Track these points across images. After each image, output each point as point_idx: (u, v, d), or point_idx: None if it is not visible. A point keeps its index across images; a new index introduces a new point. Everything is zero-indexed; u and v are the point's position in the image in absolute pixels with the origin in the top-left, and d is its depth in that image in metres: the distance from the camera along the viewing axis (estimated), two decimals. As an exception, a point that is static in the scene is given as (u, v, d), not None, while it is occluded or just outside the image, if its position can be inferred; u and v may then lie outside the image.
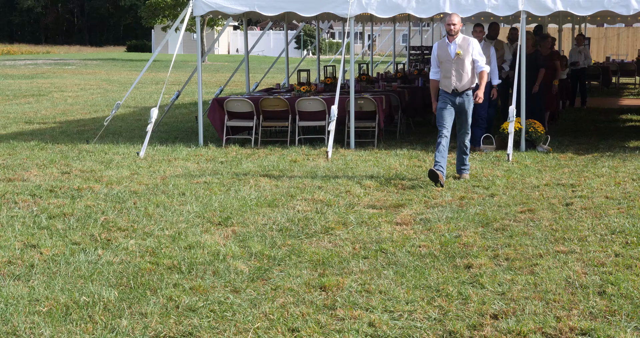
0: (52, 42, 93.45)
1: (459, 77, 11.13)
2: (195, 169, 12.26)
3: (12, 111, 21.54)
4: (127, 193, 10.46)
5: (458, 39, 11.21)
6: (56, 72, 41.01)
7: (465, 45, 11.19)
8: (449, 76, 11.20)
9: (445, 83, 11.28)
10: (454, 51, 11.16)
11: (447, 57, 11.21)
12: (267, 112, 14.93)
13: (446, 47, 11.26)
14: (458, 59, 11.13)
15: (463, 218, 8.98)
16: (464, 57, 11.12)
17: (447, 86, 11.24)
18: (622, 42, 42.37)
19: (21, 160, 13.02)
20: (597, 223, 8.72)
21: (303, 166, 12.39)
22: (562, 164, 12.49)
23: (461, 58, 11.12)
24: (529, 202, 9.80)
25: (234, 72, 19.89)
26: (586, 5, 13.70)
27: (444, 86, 11.29)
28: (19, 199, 10.06)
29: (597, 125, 17.82)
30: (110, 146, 14.54)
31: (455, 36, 11.19)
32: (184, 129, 17.46)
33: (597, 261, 7.29)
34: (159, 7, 55.39)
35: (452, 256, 7.53)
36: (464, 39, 11.26)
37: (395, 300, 6.34)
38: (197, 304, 6.26)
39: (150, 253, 7.66)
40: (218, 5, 14.98)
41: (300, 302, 6.34)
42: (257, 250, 7.72)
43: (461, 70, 11.13)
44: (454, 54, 11.16)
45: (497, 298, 6.36)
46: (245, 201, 9.87)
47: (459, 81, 11.15)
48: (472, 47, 11.20)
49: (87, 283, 6.75)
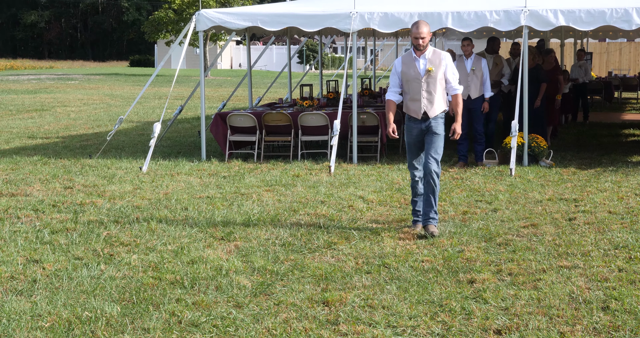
0: (55, 57, 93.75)
1: (430, 99, 9.15)
2: (198, 184, 12.26)
3: (15, 126, 21.57)
4: (130, 208, 10.46)
5: (428, 52, 9.21)
6: (59, 87, 41.09)
7: (436, 60, 9.20)
8: (417, 98, 9.16)
9: (412, 107, 9.23)
10: (424, 67, 9.18)
11: (415, 75, 9.20)
12: (269, 127, 14.95)
13: (413, 63, 9.22)
14: (429, 77, 9.16)
15: (466, 232, 8.97)
16: (435, 74, 9.16)
17: (416, 111, 9.20)
18: (624, 57, 42.44)
19: (24, 175, 13.02)
20: (601, 238, 8.71)
21: (306, 181, 12.39)
22: (564, 179, 12.49)
23: (432, 76, 9.16)
24: (532, 217, 9.79)
25: (236, 87, 19.92)
26: (588, 20, 13.72)
27: (410, 111, 9.26)
28: (21, 214, 10.06)
29: (599, 140, 17.82)
30: (113, 160, 14.55)
31: (424, 50, 9.22)
32: (186, 144, 17.47)
33: (600, 276, 7.28)
34: (162, 22, 55.54)
35: (455, 271, 7.52)
36: (435, 52, 9.27)
37: (399, 315, 6.33)
38: (200, 319, 6.25)
39: (153, 268, 7.65)
40: (221, 20, 15.03)
41: (303, 317, 6.33)
42: (260, 265, 7.72)
43: (433, 91, 9.15)
44: (424, 71, 9.17)
45: (501, 314, 6.34)
46: (248, 216, 9.87)
47: (430, 104, 9.14)
48: (444, 63, 9.23)
49: (90, 299, 6.74)
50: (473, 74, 13.96)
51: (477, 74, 14.02)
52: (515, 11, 13.87)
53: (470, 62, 13.89)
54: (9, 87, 40.29)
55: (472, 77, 14.17)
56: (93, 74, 55.60)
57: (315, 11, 14.87)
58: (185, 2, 53.49)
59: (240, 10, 15.81)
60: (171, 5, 54.89)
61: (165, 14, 55.17)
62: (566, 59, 23.92)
